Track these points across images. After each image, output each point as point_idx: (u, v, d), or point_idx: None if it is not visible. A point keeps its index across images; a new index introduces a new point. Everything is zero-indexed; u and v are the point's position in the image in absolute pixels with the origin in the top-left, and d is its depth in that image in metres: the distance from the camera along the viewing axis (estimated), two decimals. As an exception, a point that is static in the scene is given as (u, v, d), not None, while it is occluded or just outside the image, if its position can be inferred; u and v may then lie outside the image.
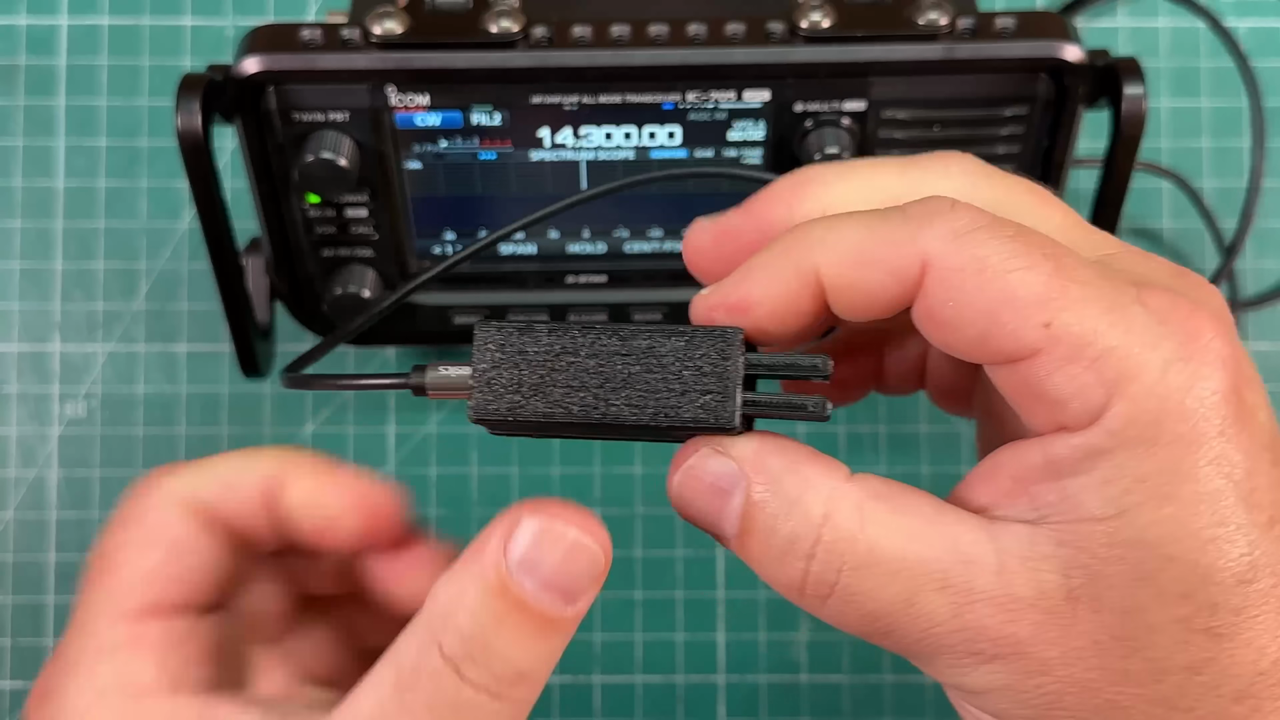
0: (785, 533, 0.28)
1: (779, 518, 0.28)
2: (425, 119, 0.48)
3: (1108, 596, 0.26)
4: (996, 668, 0.27)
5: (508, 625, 0.28)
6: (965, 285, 0.26)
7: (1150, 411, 0.26)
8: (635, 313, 0.54)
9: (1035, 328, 0.26)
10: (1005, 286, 0.26)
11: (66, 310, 0.61)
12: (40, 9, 0.62)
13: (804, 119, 0.47)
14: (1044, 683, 0.27)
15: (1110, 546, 0.26)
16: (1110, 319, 0.26)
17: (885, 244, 0.27)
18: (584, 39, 0.45)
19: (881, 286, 0.28)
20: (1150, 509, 0.26)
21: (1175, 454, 0.26)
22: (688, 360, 0.29)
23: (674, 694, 0.59)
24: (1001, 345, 0.27)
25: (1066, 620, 0.26)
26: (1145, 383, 0.26)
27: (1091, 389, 0.26)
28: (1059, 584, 0.26)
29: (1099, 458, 0.26)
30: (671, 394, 0.29)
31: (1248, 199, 0.59)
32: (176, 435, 0.60)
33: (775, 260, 0.29)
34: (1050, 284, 0.26)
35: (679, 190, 0.50)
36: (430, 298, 0.53)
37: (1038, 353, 0.26)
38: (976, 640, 0.27)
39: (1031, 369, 0.26)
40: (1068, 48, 0.45)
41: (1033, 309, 0.26)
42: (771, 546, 0.28)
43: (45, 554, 0.60)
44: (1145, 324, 0.26)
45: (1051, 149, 0.48)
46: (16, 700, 0.59)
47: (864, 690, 0.59)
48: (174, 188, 0.61)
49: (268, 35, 0.46)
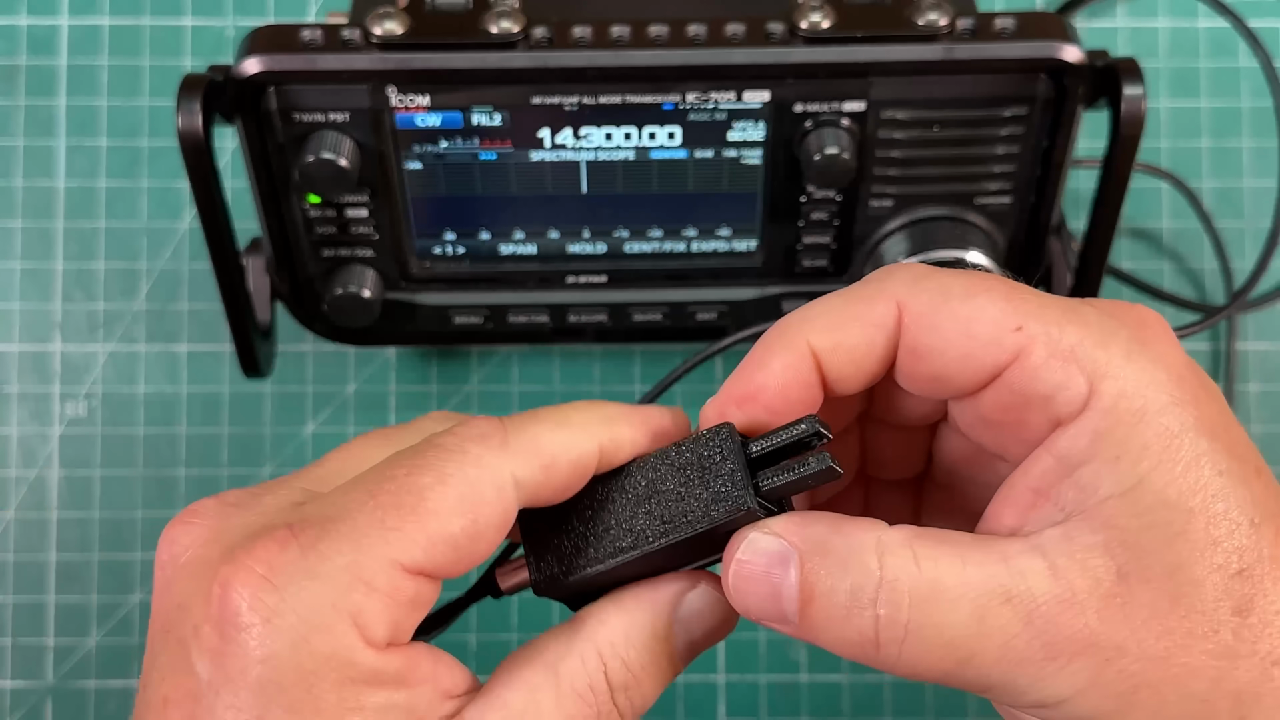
0: (847, 588, 0.28)
1: (837, 575, 0.29)
2: (425, 119, 0.48)
3: (1151, 563, 0.27)
4: (1078, 667, 0.27)
5: (658, 667, 0.31)
6: (938, 313, 0.30)
7: (1132, 388, 0.28)
8: (635, 313, 0.54)
9: (1009, 333, 0.29)
10: (973, 307, 0.30)
11: (67, 310, 0.61)
12: (41, 9, 0.62)
13: (804, 119, 0.48)
14: (1124, 666, 0.27)
15: (1138, 515, 0.28)
16: (1069, 319, 0.29)
17: (861, 301, 0.31)
18: (584, 39, 0.45)
19: (868, 341, 0.30)
20: (1163, 471, 0.28)
21: (1166, 420, 0.28)
22: (690, 472, 0.31)
23: (674, 693, 0.59)
24: (983, 358, 0.29)
25: (1124, 597, 0.27)
26: (1116, 365, 0.28)
27: (1075, 378, 0.29)
28: (1108, 566, 0.28)
29: (1102, 438, 0.28)
30: (689, 503, 0.30)
31: (1270, 237, 0.59)
32: (177, 435, 0.60)
33: (770, 346, 0.31)
34: (1010, 299, 0.29)
35: (678, 189, 0.50)
36: (430, 298, 0.53)
37: (1018, 354, 0.29)
38: (1054, 642, 0.27)
39: (1018, 372, 0.29)
40: (1067, 48, 0.45)
41: (1003, 318, 0.29)
42: (836, 605, 0.29)
43: (46, 554, 0.60)
44: (1099, 320, 0.29)
45: (1050, 149, 0.48)
46: (17, 699, 0.59)
47: (864, 690, 0.59)
48: (175, 188, 0.61)
49: (268, 36, 0.46)
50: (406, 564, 0.29)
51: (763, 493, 0.30)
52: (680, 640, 0.32)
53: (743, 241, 0.52)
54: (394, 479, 0.29)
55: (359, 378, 0.61)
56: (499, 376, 0.61)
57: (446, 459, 0.30)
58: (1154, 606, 0.27)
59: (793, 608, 0.29)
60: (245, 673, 0.28)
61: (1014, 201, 0.50)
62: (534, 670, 0.30)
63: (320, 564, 0.28)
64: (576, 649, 0.31)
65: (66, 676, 0.59)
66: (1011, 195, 0.50)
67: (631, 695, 0.31)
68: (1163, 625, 0.27)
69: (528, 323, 0.54)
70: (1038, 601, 0.28)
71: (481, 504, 0.29)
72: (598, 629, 0.31)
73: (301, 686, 0.28)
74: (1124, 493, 0.28)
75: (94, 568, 0.60)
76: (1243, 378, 0.61)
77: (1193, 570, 0.27)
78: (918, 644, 0.28)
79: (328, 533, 0.29)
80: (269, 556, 0.28)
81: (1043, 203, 0.50)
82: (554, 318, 0.54)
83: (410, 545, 0.29)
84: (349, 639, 0.28)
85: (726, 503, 0.30)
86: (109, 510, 0.60)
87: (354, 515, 0.29)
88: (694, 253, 0.52)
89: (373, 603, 0.28)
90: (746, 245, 0.52)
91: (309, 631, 0.28)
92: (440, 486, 0.29)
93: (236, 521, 0.30)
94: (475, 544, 0.30)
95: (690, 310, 0.54)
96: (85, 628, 0.59)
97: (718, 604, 0.32)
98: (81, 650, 0.59)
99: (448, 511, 0.29)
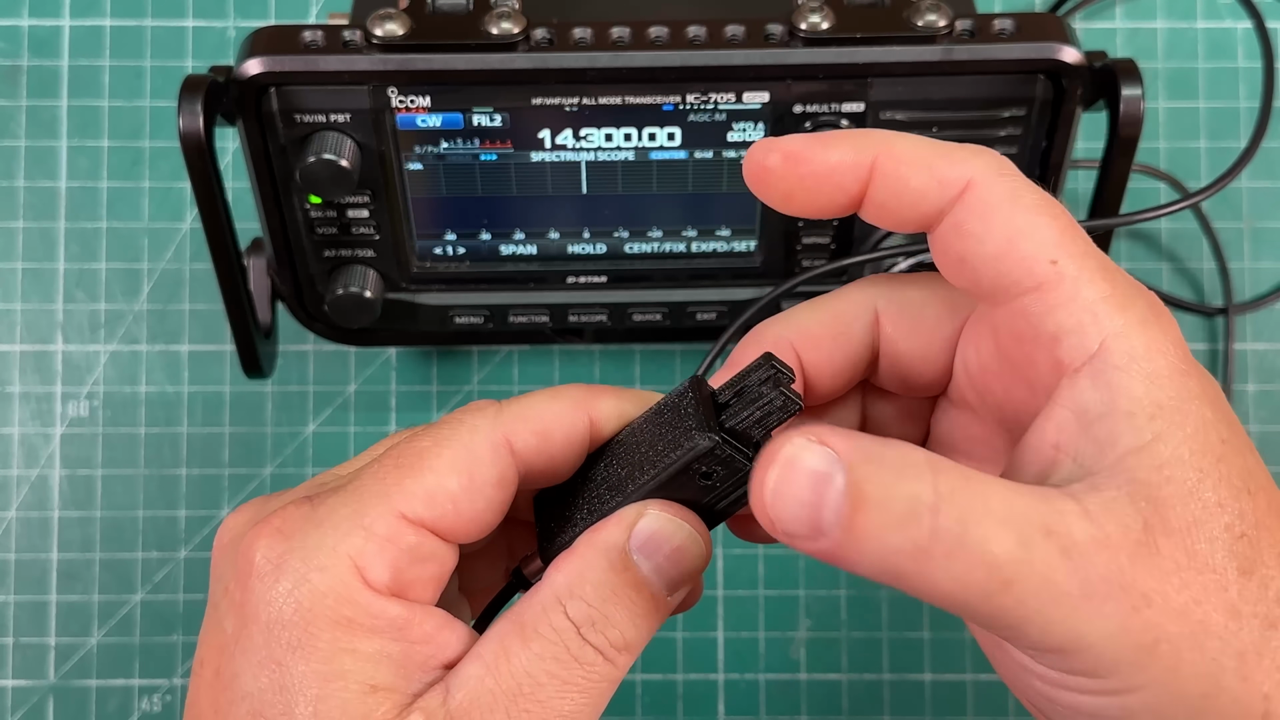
0: (904, 493, 0.28)
1: (891, 483, 0.28)
2: (426, 120, 0.48)
3: (1171, 516, 0.28)
4: (1110, 610, 0.28)
5: (624, 600, 0.31)
6: (998, 208, 0.30)
7: (1144, 351, 0.29)
8: (635, 313, 0.54)
9: (1044, 262, 0.30)
10: (1029, 220, 0.30)
11: (69, 310, 0.61)
12: (43, 10, 0.62)
13: (803, 120, 0.48)
14: (1149, 617, 0.28)
15: (1158, 469, 0.28)
16: (1102, 275, 0.30)
17: (942, 156, 0.31)
18: (584, 41, 0.45)
19: (925, 189, 0.31)
20: (1175, 430, 0.28)
21: (1177, 385, 0.29)
22: (664, 424, 0.32)
23: (674, 692, 0.59)
24: (1011, 271, 0.30)
25: (1151, 548, 0.28)
26: (1133, 328, 0.29)
27: (1088, 327, 0.29)
28: (1134, 515, 0.28)
29: (1117, 391, 0.29)
30: (660, 450, 0.31)
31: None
32: (178, 435, 0.60)
33: (838, 136, 0.32)
34: (1064, 232, 0.30)
35: (678, 190, 0.51)
36: (431, 298, 0.53)
37: (1041, 286, 0.30)
38: (1090, 580, 0.28)
39: (1035, 302, 0.30)
40: (1065, 49, 0.45)
41: (1046, 245, 0.30)
42: (890, 512, 0.28)
43: (48, 553, 0.60)
44: (1126, 287, 0.30)
45: (1049, 150, 0.48)
46: (19, 698, 0.59)
47: (863, 688, 0.59)
48: (176, 188, 0.61)
49: (269, 37, 0.46)
50: (407, 514, 0.30)
51: (726, 428, 0.31)
52: (645, 569, 0.31)
53: (742, 242, 0.52)
54: (396, 447, 0.32)
55: (359, 378, 0.61)
56: (499, 376, 0.61)
57: (443, 427, 0.32)
58: (1175, 559, 0.28)
59: (835, 516, 0.28)
60: (256, 616, 0.30)
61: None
62: (503, 623, 0.31)
63: (327, 515, 0.31)
64: (537, 596, 0.31)
65: (68, 675, 0.59)
66: (1010, 196, 0.50)
67: (603, 629, 0.31)
68: (1182, 579, 0.28)
69: (528, 323, 0.54)
70: (1075, 539, 0.28)
71: (477, 463, 0.31)
72: (555, 574, 0.31)
73: (300, 624, 0.29)
74: (1141, 448, 0.28)
75: (95, 567, 0.60)
76: (1240, 378, 0.61)
77: (1208, 527, 0.28)
78: (965, 558, 0.28)
79: (336, 493, 0.31)
80: (285, 515, 0.31)
81: (1041, 203, 0.50)
82: (554, 318, 0.54)
83: (409, 497, 0.31)
84: (348, 577, 0.30)
85: (691, 441, 0.30)
86: (110, 510, 0.60)
87: (359, 477, 0.31)
88: (694, 253, 0.53)
89: (372, 545, 0.30)
90: (746, 246, 0.52)
91: (310, 571, 0.30)
92: (437, 448, 0.31)
93: (274, 503, 0.33)
94: (474, 501, 0.31)
95: (690, 310, 0.54)
96: (86, 627, 0.59)
97: (670, 523, 0.32)
98: (83, 649, 0.59)
99: (445, 468, 0.31)
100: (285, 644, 0.29)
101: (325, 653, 0.29)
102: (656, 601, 0.32)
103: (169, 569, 0.60)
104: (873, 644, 0.59)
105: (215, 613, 0.31)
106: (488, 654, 0.31)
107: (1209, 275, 0.62)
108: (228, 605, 0.31)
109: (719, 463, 0.31)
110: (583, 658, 0.31)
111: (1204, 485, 0.28)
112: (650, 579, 0.31)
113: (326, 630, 0.29)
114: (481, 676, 0.30)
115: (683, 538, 0.32)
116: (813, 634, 0.60)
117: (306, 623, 0.29)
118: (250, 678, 0.30)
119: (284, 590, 0.30)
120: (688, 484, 0.31)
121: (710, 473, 0.31)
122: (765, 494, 0.29)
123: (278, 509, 0.31)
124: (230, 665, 0.30)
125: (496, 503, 0.32)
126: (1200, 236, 0.62)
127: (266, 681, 0.29)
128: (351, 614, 0.30)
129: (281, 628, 0.30)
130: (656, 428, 0.32)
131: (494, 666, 0.30)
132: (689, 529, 0.32)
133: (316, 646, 0.29)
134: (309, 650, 0.29)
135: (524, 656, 0.30)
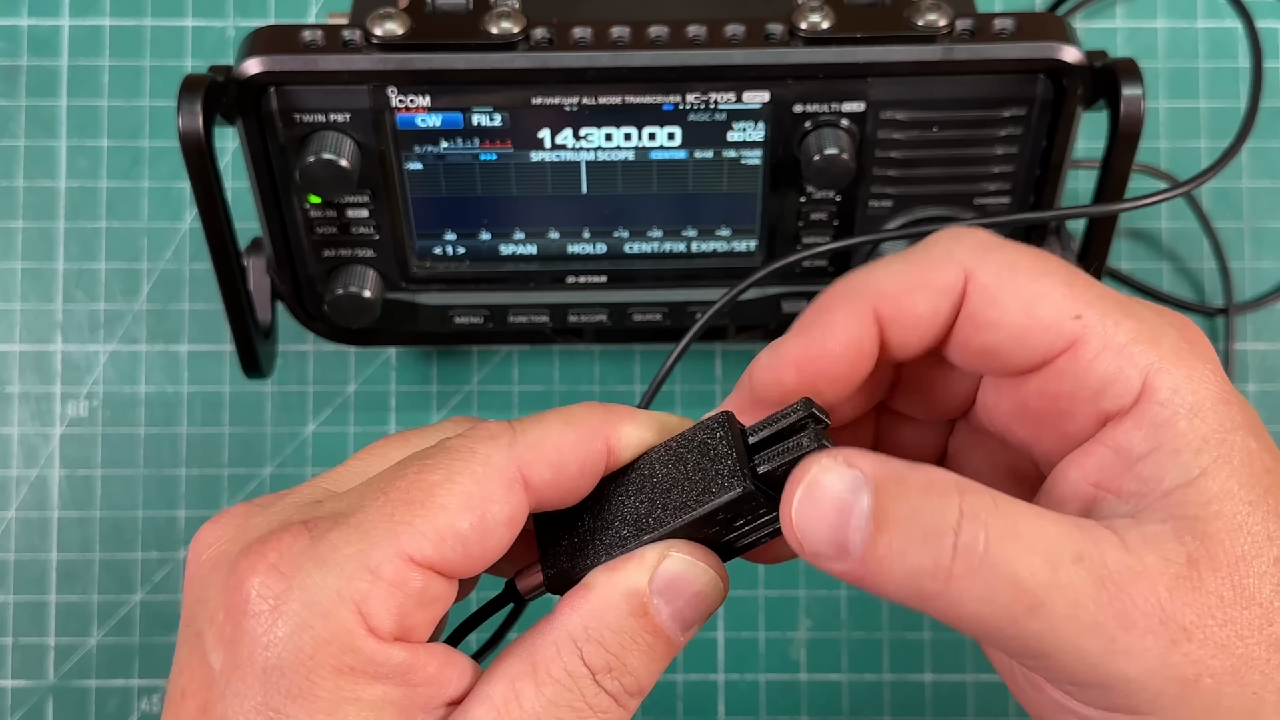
0: (929, 510, 0.28)
1: (916, 502, 0.28)
2: (426, 120, 0.48)
3: (1218, 551, 0.28)
4: (1149, 644, 0.27)
5: (641, 645, 0.30)
6: (1004, 286, 0.30)
7: (1184, 384, 0.29)
8: (635, 313, 0.54)
9: (1069, 320, 0.29)
10: (1038, 287, 0.30)
11: (68, 310, 0.61)
12: (42, 10, 0.62)
13: (803, 120, 0.48)
14: (1190, 651, 0.27)
15: (1206, 504, 0.28)
16: (1124, 313, 0.30)
17: (928, 266, 0.30)
18: (584, 40, 0.45)
19: (932, 306, 0.30)
20: (1222, 464, 0.28)
21: (1219, 416, 0.29)
22: (689, 460, 0.31)
23: (674, 692, 0.59)
24: (1040, 340, 0.30)
25: (1194, 582, 0.28)
26: (1168, 362, 0.29)
27: (1128, 371, 0.29)
28: (1178, 550, 0.28)
29: (1161, 431, 0.29)
30: (687, 490, 0.30)
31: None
32: (178, 435, 0.60)
33: (833, 309, 0.31)
34: (1073, 285, 0.30)
35: (678, 190, 0.51)
36: (431, 298, 0.53)
37: (1074, 343, 0.29)
38: (1126, 612, 0.27)
39: (1071, 362, 0.30)
40: (1066, 49, 0.45)
41: (1064, 304, 0.30)
42: (915, 528, 0.28)
43: (47, 553, 0.60)
44: (1151, 318, 0.30)
45: (1049, 150, 0.48)
46: (19, 698, 0.59)
47: (863, 689, 0.59)
48: (175, 188, 0.61)
49: (269, 36, 0.46)
50: (415, 556, 0.29)
51: (759, 475, 0.30)
52: (663, 613, 0.30)
53: (742, 241, 0.52)
54: (405, 477, 0.30)
55: (359, 378, 0.61)
56: (499, 376, 0.61)
57: (455, 458, 0.30)
58: (1220, 594, 0.28)
59: (860, 535, 0.28)
60: (252, 659, 0.28)
61: (1013, 202, 0.50)
62: (514, 661, 0.30)
63: (329, 554, 0.29)
64: (551, 636, 0.30)
65: (67, 676, 0.59)
66: (1010, 196, 0.50)
67: (618, 676, 0.30)
68: (1227, 614, 0.28)
69: (528, 323, 0.54)
70: (1110, 568, 0.27)
71: (489, 501, 0.30)
72: (570, 614, 0.30)
73: (301, 672, 0.28)
74: (1188, 483, 0.28)
75: (95, 567, 0.60)
76: (1241, 378, 0.61)
77: (1256, 562, 0.28)
78: (990, 579, 0.27)
79: (338, 525, 0.29)
80: (281, 547, 0.29)
81: (1042, 203, 0.50)
82: (554, 318, 0.54)
83: (419, 538, 0.29)
84: (351, 625, 0.28)
85: (721, 485, 0.30)
86: (110, 510, 0.60)
87: (365, 510, 0.30)
88: (694, 253, 0.53)
89: (378, 591, 0.28)
90: (746, 245, 0.52)
91: (312, 617, 0.28)
92: (449, 484, 0.30)
93: (259, 520, 0.31)
94: (484, 540, 0.30)
95: (690, 310, 0.54)
96: (86, 627, 0.59)
97: (694, 568, 0.31)
98: (82, 650, 0.59)
99: (456, 507, 0.29)
100: (284, 692, 0.28)
101: (328, 702, 0.28)
102: (671, 644, 0.31)
103: (168, 569, 0.60)
104: (873, 644, 0.59)
105: (199, 641, 0.30)
106: (497, 696, 0.30)
107: (1210, 275, 0.62)
108: (216, 638, 0.29)
109: (749, 509, 0.30)
110: (597, 704, 0.30)
111: (1254, 518, 0.28)
112: (668, 623, 0.31)
113: (329, 679, 0.28)
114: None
115: (705, 582, 0.31)
116: (813, 634, 0.60)
117: (308, 671, 0.28)
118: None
119: (283, 635, 0.28)
120: (711, 523, 0.31)
121: (736, 516, 0.30)
122: (792, 514, 0.29)
123: (271, 535, 0.29)
124: (219, 705, 0.29)
125: (507, 539, 0.30)
126: (1201, 236, 0.62)
127: None
128: (354, 662, 0.28)
129: (280, 674, 0.28)
130: (681, 463, 0.31)
131: (504, 711, 0.29)
132: (711, 573, 0.31)
133: (318, 695, 0.28)
134: (310, 700, 0.28)
135: (536, 701, 0.29)
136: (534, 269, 0.53)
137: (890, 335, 0.31)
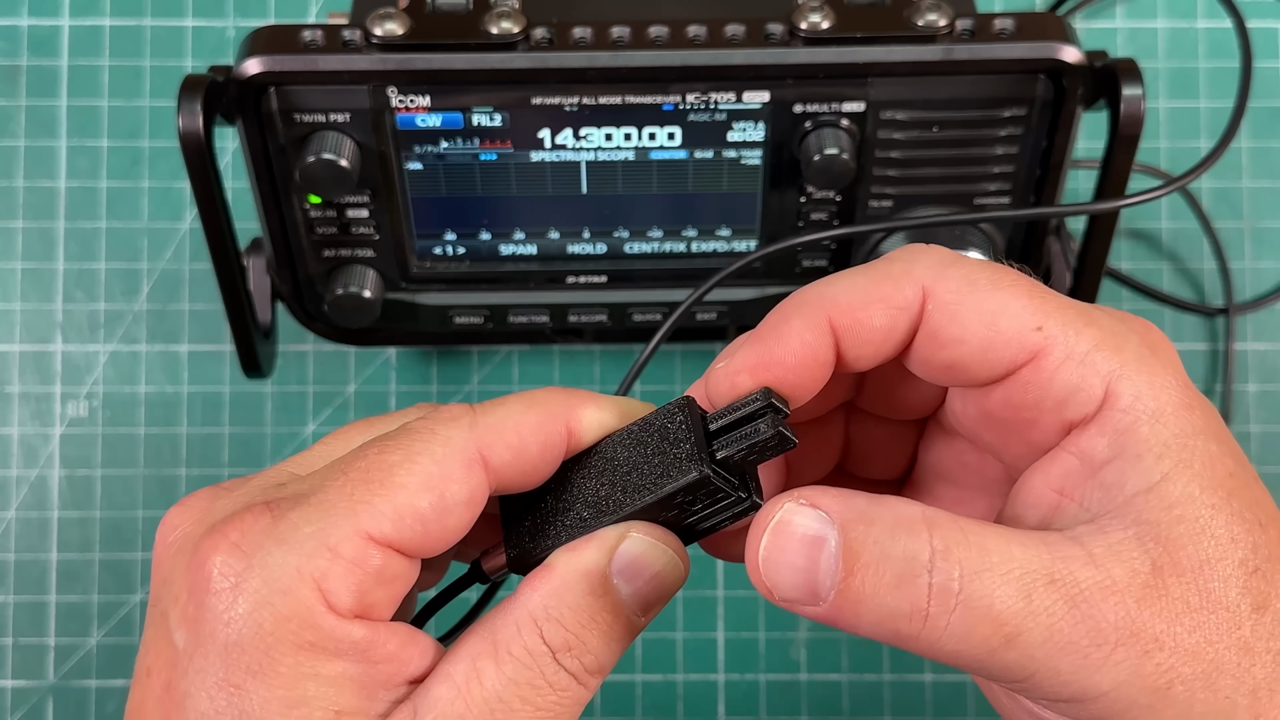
0: (899, 553, 0.28)
1: (886, 543, 0.28)
2: (426, 120, 0.48)
3: (1182, 556, 0.28)
4: (1120, 657, 0.27)
5: (601, 624, 0.31)
6: (964, 302, 0.30)
7: (1146, 390, 0.29)
8: (635, 313, 0.54)
9: (1030, 331, 0.29)
10: (999, 300, 0.30)
11: (68, 310, 0.61)
12: (42, 10, 0.62)
13: (803, 120, 0.48)
14: (1162, 660, 0.27)
15: (1168, 509, 0.28)
16: (1085, 322, 0.30)
17: (887, 281, 0.30)
18: (584, 40, 0.45)
19: (889, 321, 0.30)
20: (1184, 469, 0.28)
21: (1181, 421, 0.29)
22: (649, 444, 0.31)
23: (674, 692, 0.59)
24: (1003, 353, 0.30)
25: (1160, 590, 0.28)
26: (1130, 369, 0.29)
27: (1090, 379, 0.29)
28: (1142, 558, 0.28)
29: (1123, 437, 0.29)
30: (646, 473, 0.31)
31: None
32: (178, 435, 0.60)
33: (789, 318, 0.31)
34: (1034, 296, 0.30)
35: (678, 190, 0.51)
36: (431, 298, 0.53)
37: (1037, 354, 0.29)
38: (1098, 629, 0.27)
39: (1035, 372, 0.29)
40: (1066, 49, 0.45)
41: (1026, 315, 0.29)
42: (885, 573, 0.28)
43: (47, 553, 0.60)
44: (1112, 325, 0.30)
45: (1049, 150, 0.48)
46: (19, 698, 0.59)
47: (863, 689, 0.59)
48: (175, 188, 0.61)
49: (269, 36, 0.46)
50: (374, 535, 0.29)
51: (718, 460, 0.30)
52: (624, 593, 0.31)
53: (743, 241, 0.52)
54: (365, 457, 0.30)
55: (359, 378, 0.61)
56: (499, 376, 0.61)
57: (416, 439, 0.30)
58: (1186, 600, 0.28)
59: (830, 580, 0.28)
60: (214, 636, 0.29)
61: (1013, 202, 0.50)
62: (475, 640, 0.30)
63: (290, 532, 0.29)
64: (512, 615, 0.30)
65: (67, 676, 0.59)
66: (1010, 196, 0.50)
67: (578, 655, 0.30)
68: (1194, 620, 0.28)
69: (528, 323, 0.54)
70: (1080, 586, 0.27)
71: (449, 481, 0.30)
72: (531, 594, 0.30)
73: (261, 648, 0.28)
74: (1150, 488, 0.28)
75: (95, 567, 0.60)
76: (1241, 378, 0.61)
77: (1220, 566, 0.28)
78: (966, 616, 0.27)
79: (299, 505, 0.30)
80: (244, 527, 0.29)
81: (1042, 203, 0.50)
82: (554, 318, 0.54)
83: (378, 517, 0.29)
84: (311, 601, 0.29)
85: (680, 469, 0.30)
86: (110, 510, 0.60)
87: (325, 490, 0.30)
88: (694, 253, 0.53)
89: (337, 568, 0.29)
90: (746, 245, 0.52)
91: (272, 594, 0.29)
92: (409, 464, 0.30)
93: (224, 502, 0.31)
94: (444, 520, 0.30)
95: (690, 310, 0.54)
96: (86, 627, 0.59)
97: (653, 549, 0.31)
98: (82, 650, 0.59)
99: (415, 487, 0.30)
100: (244, 668, 0.28)
101: (287, 678, 0.29)
102: (631, 625, 0.31)
103: (168, 569, 0.60)
104: (873, 644, 0.59)
105: (163, 621, 0.30)
106: (458, 675, 0.30)
107: (1210, 275, 0.62)
108: (179, 617, 0.29)
109: (707, 493, 0.30)
110: (557, 683, 0.30)
111: (1216, 521, 0.28)
112: (628, 603, 0.31)
113: (289, 655, 0.28)
114: (452, 699, 0.29)
115: (664, 563, 0.31)
116: (813, 634, 0.60)
117: (268, 647, 0.28)
118: (205, 699, 0.29)
119: (243, 611, 0.28)
120: (670, 506, 0.31)
121: (695, 500, 0.31)
122: (759, 561, 0.29)
123: (233, 516, 0.30)
124: (182, 682, 0.29)
125: (466, 520, 0.31)
126: (1201, 236, 0.62)
127: (224, 704, 0.28)
128: (314, 638, 0.29)
129: (240, 650, 0.28)
130: (642, 446, 0.31)
131: (465, 689, 0.30)
132: (670, 554, 0.31)
133: (278, 671, 0.28)
134: (270, 675, 0.28)
135: (497, 679, 0.30)
136: (534, 269, 0.53)
137: (846, 347, 0.31)
